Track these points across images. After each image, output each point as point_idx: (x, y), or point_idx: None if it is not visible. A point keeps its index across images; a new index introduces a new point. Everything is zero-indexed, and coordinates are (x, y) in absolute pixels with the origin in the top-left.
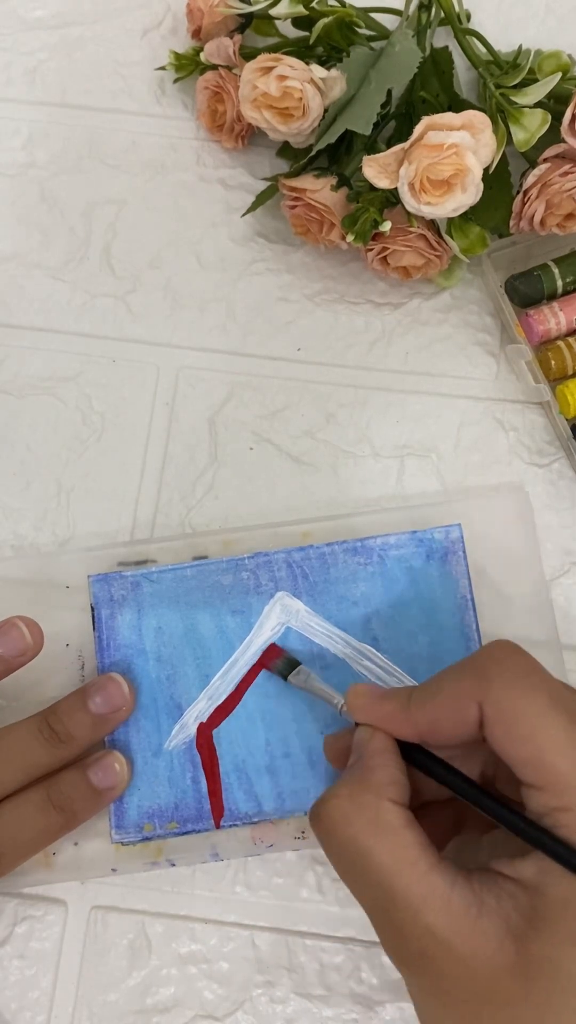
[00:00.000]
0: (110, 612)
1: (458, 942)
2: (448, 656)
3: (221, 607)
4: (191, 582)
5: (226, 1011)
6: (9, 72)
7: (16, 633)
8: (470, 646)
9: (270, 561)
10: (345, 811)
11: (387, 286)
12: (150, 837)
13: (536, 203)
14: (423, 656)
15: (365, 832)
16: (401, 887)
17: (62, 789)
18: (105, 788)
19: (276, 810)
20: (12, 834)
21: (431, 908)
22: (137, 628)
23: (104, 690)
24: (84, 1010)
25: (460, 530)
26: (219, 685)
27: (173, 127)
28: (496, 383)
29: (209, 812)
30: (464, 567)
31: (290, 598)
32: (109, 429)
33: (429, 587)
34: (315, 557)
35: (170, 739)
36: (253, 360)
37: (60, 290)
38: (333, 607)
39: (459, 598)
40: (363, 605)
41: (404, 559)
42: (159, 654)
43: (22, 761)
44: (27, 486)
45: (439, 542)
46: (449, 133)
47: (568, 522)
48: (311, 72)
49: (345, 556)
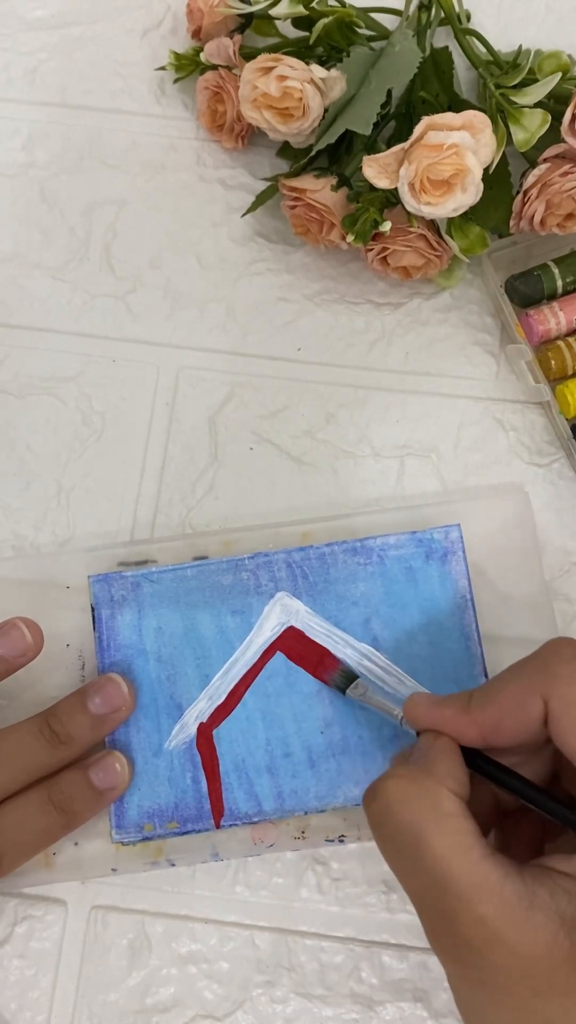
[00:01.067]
0: (110, 612)
1: (510, 932)
2: (448, 656)
3: (221, 607)
4: (191, 582)
5: (226, 1011)
6: (9, 72)
7: (17, 634)
8: (470, 646)
9: (270, 561)
10: (405, 792)
11: (387, 286)
12: (150, 837)
13: (536, 203)
14: (423, 656)
15: (422, 815)
16: (454, 874)
17: (63, 789)
18: (106, 788)
19: (276, 810)
20: (13, 835)
21: (483, 898)
22: (137, 628)
23: (103, 691)
24: (84, 1010)
25: (459, 530)
26: (219, 685)
27: (173, 127)
28: (496, 383)
29: (209, 812)
30: (464, 567)
31: (290, 598)
32: (109, 429)
33: (429, 587)
34: (315, 557)
35: (170, 739)
36: (253, 360)
37: (60, 290)
38: (333, 607)
39: (459, 598)
40: (363, 605)
41: (404, 559)
42: (159, 654)
43: (23, 762)
44: (27, 486)
45: (439, 542)
46: (449, 133)
47: (568, 522)
48: (311, 72)
49: (345, 556)
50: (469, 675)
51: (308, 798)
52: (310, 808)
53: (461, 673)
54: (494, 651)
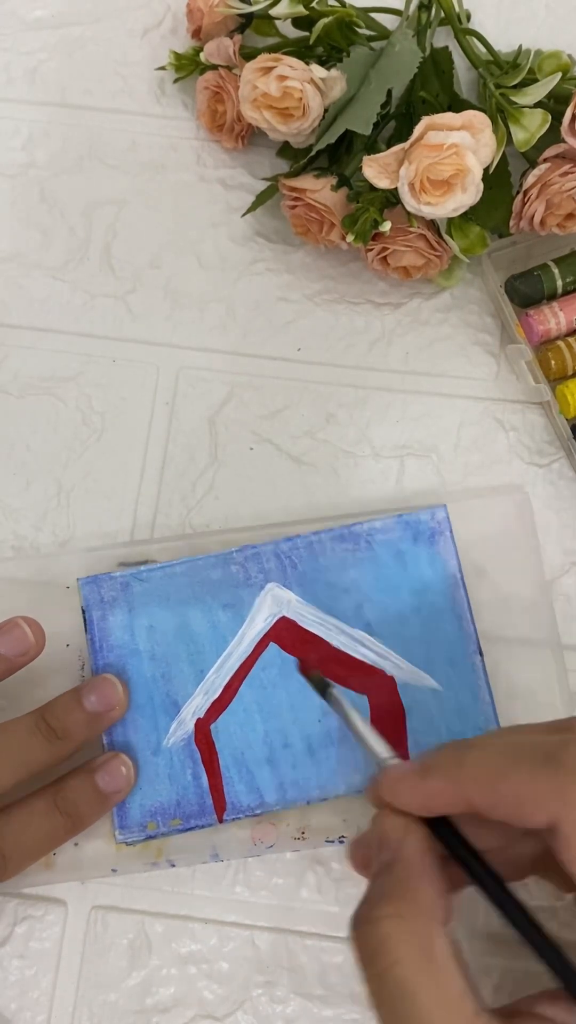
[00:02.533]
0: (101, 614)
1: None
2: (442, 636)
3: (212, 602)
4: (181, 579)
5: (226, 1011)
6: (9, 72)
7: (19, 632)
8: (463, 625)
9: (258, 553)
10: (394, 936)
11: (387, 286)
12: (154, 835)
13: (536, 203)
14: (417, 638)
15: (413, 966)
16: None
17: (68, 794)
18: (112, 792)
19: (278, 801)
20: (18, 838)
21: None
22: (129, 628)
23: (99, 689)
24: (84, 1010)
25: (446, 511)
26: (214, 680)
27: (173, 127)
28: (496, 383)
29: (212, 807)
30: (452, 547)
31: (280, 589)
32: (109, 429)
33: (418, 569)
34: (303, 546)
35: (168, 736)
36: (253, 360)
37: (60, 290)
38: (324, 595)
39: (449, 578)
40: (354, 591)
41: (392, 543)
42: (153, 653)
43: (19, 757)
44: (27, 486)
45: (426, 524)
46: (449, 133)
47: (568, 522)
48: (311, 72)
49: (333, 544)
50: (463, 654)
51: (310, 788)
52: (312, 798)
53: (456, 653)
54: (495, 651)
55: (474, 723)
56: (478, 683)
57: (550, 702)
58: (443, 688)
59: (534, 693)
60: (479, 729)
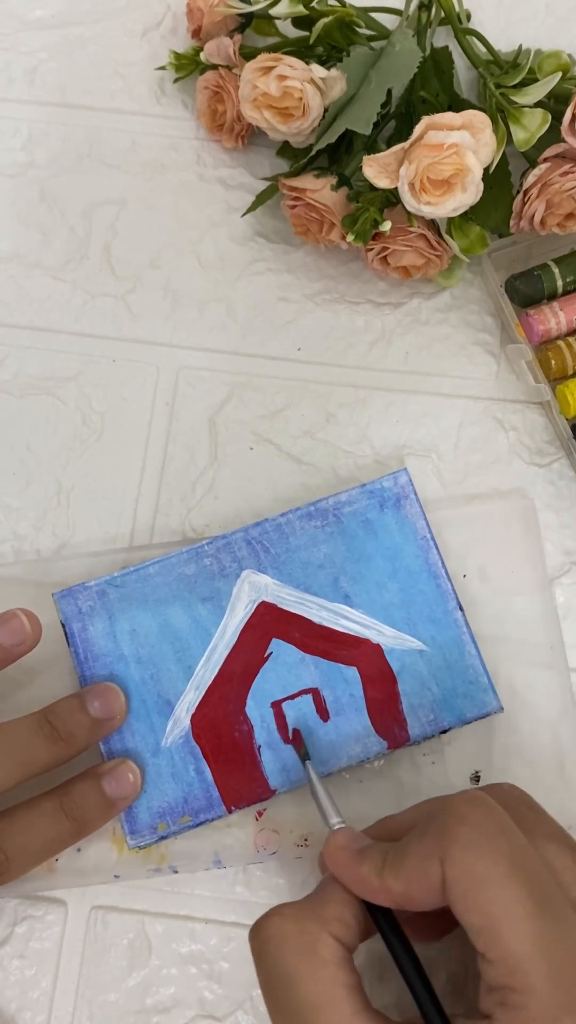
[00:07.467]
0: (81, 625)
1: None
2: (420, 598)
3: (190, 597)
4: (156, 579)
5: (226, 1011)
6: (9, 72)
7: (17, 623)
8: (440, 583)
9: (229, 543)
10: (284, 932)
11: (387, 286)
12: (166, 835)
13: (536, 203)
14: (396, 603)
15: (297, 958)
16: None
17: (74, 798)
18: (118, 798)
19: (283, 783)
20: (23, 840)
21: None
22: (112, 635)
23: (103, 696)
24: (84, 1010)
25: (407, 474)
26: (203, 673)
27: (173, 127)
28: (496, 383)
29: (219, 799)
30: (419, 509)
31: (256, 574)
32: (109, 429)
33: (388, 535)
34: (272, 530)
35: (166, 736)
36: (253, 360)
37: (60, 290)
38: (300, 574)
39: (420, 539)
40: (328, 566)
41: (359, 513)
42: (139, 656)
43: (21, 756)
44: (27, 486)
45: (389, 490)
46: (449, 133)
47: (568, 522)
48: (311, 72)
49: (301, 523)
50: (444, 611)
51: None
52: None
53: (436, 611)
54: (495, 651)
55: (463, 676)
56: (462, 637)
57: (551, 702)
58: (428, 647)
59: (535, 693)
60: (469, 683)
